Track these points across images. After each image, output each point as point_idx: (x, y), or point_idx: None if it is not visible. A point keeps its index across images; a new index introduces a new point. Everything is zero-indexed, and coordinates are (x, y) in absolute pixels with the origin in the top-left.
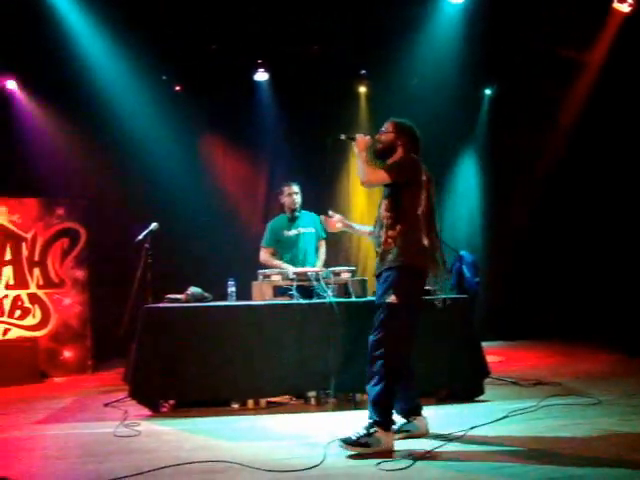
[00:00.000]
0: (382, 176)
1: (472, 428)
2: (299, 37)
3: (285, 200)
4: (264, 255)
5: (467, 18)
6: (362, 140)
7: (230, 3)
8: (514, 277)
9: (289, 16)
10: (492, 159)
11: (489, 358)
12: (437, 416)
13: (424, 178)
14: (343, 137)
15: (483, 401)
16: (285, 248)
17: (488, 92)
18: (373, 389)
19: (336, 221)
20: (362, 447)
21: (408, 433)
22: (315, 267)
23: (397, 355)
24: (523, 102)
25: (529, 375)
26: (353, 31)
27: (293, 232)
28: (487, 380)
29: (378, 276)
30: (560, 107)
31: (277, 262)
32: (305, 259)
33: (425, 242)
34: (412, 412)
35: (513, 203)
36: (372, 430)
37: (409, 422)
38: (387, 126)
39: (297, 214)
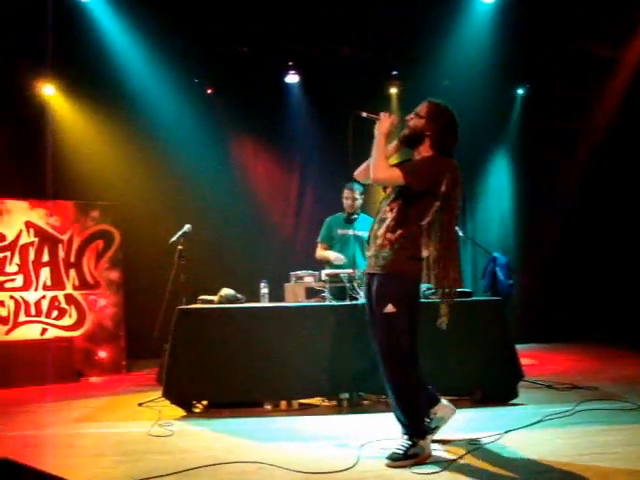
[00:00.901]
0: (396, 176)
1: (507, 432)
2: (329, 39)
3: (344, 201)
4: (318, 251)
5: (499, 17)
6: (385, 120)
7: (261, 6)
8: (547, 279)
9: (319, 18)
10: (524, 160)
11: (522, 361)
12: (471, 419)
13: (444, 188)
14: (364, 115)
15: (517, 404)
16: (335, 247)
17: (520, 92)
18: (395, 411)
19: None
20: (412, 459)
21: (439, 428)
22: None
23: (403, 371)
24: (556, 102)
25: (564, 378)
26: (384, 32)
27: (346, 232)
28: (521, 383)
29: (370, 276)
30: (594, 107)
31: (328, 252)
32: (352, 262)
33: (424, 253)
34: (431, 405)
35: (546, 204)
36: (414, 440)
37: (434, 418)
38: (420, 108)
39: (355, 216)
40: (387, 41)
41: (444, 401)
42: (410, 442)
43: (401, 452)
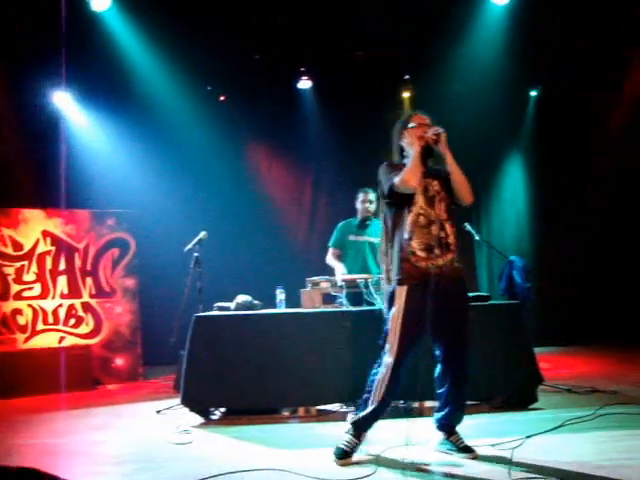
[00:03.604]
0: None
1: (529, 437)
2: (342, 44)
3: (358, 206)
4: (329, 256)
5: (511, 19)
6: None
7: (272, 11)
8: (565, 282)
9: (331, 23)
10: (539, 162)
11: None
12: (492, 424)
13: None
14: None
15: (537, 409)
16: (347, 253)
17: (533, 94)
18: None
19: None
20: None
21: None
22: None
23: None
24: (570, 103)
25: (583, 382)
26: (396, 36)
27: (358, 238)
28: (540, 387)
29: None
30: (608, 108)
31: (337, 263)
32: (363, 268)
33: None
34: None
35: (562, 206)
36: None
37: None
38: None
39: (368, 222)
40: (399, 45)
41: None
42: None
43: None
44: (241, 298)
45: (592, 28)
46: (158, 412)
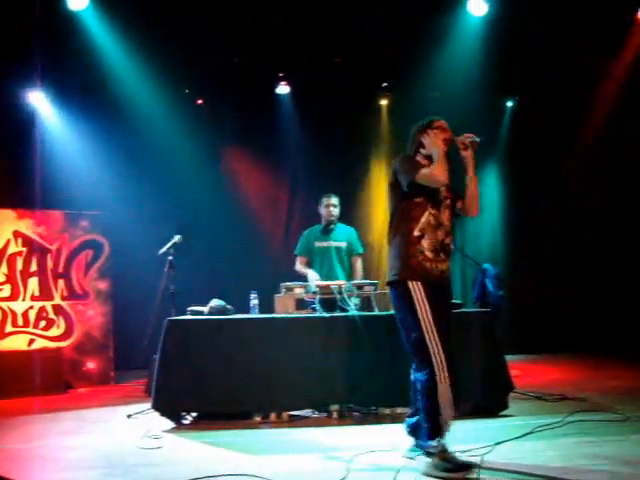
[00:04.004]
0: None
1: (498, 443)
2: (320, 50)
3: (322, 211)
4: (297, 264)
5: (489, 30)
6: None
7: (251, 16)
8: (538, 290)
9: (310, 29)
10: (514, 171)
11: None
12: (461, 431)
13: None
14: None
15: (507, 416)
16: (313, 259)
17: (510, 104)
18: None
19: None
20: None
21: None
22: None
23: None
24: (545, 113)
25: (553, 390)
26: (375, 44)
27: (324, 244)
28: (511, 394)
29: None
30: (583, 118)
31: (307, 270)
32: (330, 273)
33: None
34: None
35: (536, 214)
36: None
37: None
38: None
39: (332, 226)
40: (378, 53)
41: None
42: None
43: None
44: (214, 302)
45: (567, 40)
46: (129, 416)
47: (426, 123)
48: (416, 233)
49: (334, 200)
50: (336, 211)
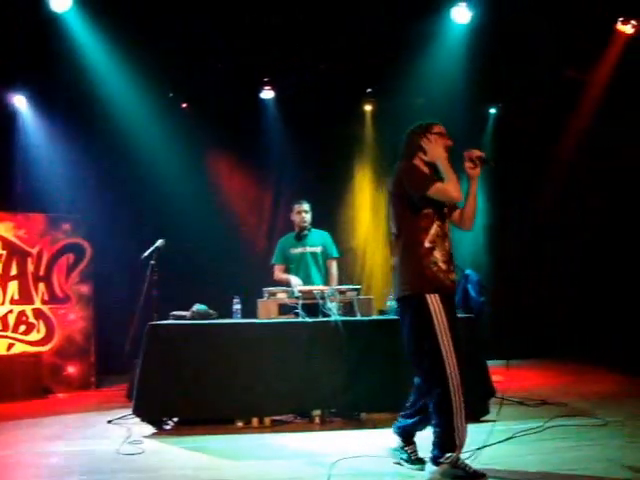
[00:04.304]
0: None
1: (479, 449)
2: (305, 55)
3: (295, 218)
4: (276, 273)
5: (472, 38)
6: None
7: (236, 21)
8: (519, 296)
9: (295, 34)
10: (496, 178)
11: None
12: None
13: None
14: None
15: (489, 421)
16: (292, 267)
17: (493, 111)
18: None
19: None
20: None
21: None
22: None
23: None
24: (528, 121)
25: (534, 395)
26: (359, 49)
27: (299, 250)
28: (492, 399)
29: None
30: (564, 127)
31: (288, 276)
32: (307, 279)
33: None
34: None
35: (517, 222)
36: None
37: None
38: None
39: (306, 232)
40: (362, 58)
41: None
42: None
43: None
44: (197, 307)
45: (550, 47)
46: (110, 422)
47: (425, 127)
48: (427, 245)
49: (305, 206)
50: (308, 217)
